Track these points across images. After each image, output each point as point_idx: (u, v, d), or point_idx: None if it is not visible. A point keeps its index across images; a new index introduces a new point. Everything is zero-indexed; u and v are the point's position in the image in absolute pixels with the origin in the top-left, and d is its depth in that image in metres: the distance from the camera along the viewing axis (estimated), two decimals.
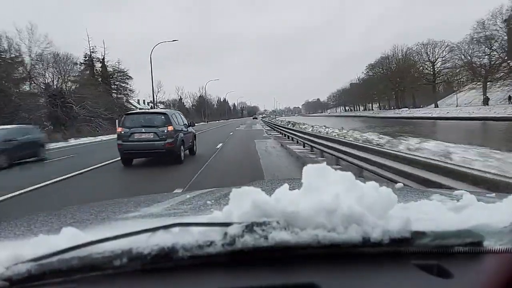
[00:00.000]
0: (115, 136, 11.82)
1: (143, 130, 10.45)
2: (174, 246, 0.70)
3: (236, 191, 0.79)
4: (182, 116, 12.69)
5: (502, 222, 0.77)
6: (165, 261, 0.70)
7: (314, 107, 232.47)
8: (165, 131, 10.37)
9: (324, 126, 22.62)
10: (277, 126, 28.87)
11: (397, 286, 0.69)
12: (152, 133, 10.38)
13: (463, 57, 60.63)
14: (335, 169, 0.84)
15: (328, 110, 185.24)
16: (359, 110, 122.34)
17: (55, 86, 38.74)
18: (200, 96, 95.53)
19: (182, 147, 11.03)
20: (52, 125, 34.29)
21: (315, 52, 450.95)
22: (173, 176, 8.94)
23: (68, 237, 0.73)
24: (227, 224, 0.73)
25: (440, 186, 3.63)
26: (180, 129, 11.27)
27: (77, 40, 50.82)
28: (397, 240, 0.73)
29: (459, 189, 1.35)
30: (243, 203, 0.77)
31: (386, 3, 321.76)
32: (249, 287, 0.68)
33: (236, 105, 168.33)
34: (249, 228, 0.72)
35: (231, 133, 28.86)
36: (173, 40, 41.22)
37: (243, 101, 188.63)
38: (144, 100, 69.96)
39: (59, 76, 40.45)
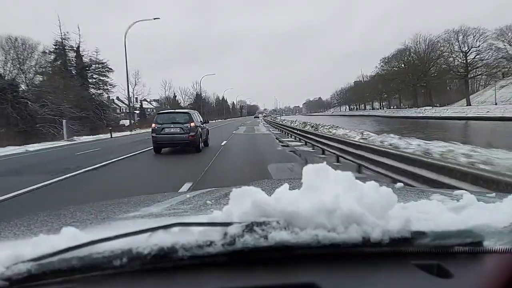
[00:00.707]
0: (61, 143, 11.36)
1: (172, 125, 13.23)
2: (174, 246, 0.70)
3: (236, 191, 0.79)
4: (199, 115, 15.54)
5: (502, 222, 0.77)
6: (165, 261, 0.70)
7: (316, 106, 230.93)
8: (189, 126, 13.13)
9: (391, 135, 13.65)
10: (290, 129, 20.70)
11: (397, 286, 0.69)
12: (178, 128, 13.14)
13: (507, 45, 50.68)
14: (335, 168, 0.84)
15: (331, 109, 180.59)
16: (365, 109, 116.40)
17: (7, 77, 30.40)
18: (197, 94, 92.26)
19: (200, 139, 13.75)
20: (4, 127, 26.51)
21: (316, 51, 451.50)
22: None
23: (68, 237, 0.73)
24: (227, 224, 0.73)
25: None
26: (199, 125, 13.96)
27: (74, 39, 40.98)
28: (397, 240, 0.73)
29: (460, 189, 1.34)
30: (243, 203, 0.77)
31: (389, 2, 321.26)
32: (249, 287, 0.68)
33: (235, 103, 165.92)
34: (249, 228, 0.72)
35: (223, 144, 17.16)
36: (154, 18, 36.30)
37: (242, 99, 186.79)
38: (136, 98, 62.81)
39: (14, 65, 31.88)
